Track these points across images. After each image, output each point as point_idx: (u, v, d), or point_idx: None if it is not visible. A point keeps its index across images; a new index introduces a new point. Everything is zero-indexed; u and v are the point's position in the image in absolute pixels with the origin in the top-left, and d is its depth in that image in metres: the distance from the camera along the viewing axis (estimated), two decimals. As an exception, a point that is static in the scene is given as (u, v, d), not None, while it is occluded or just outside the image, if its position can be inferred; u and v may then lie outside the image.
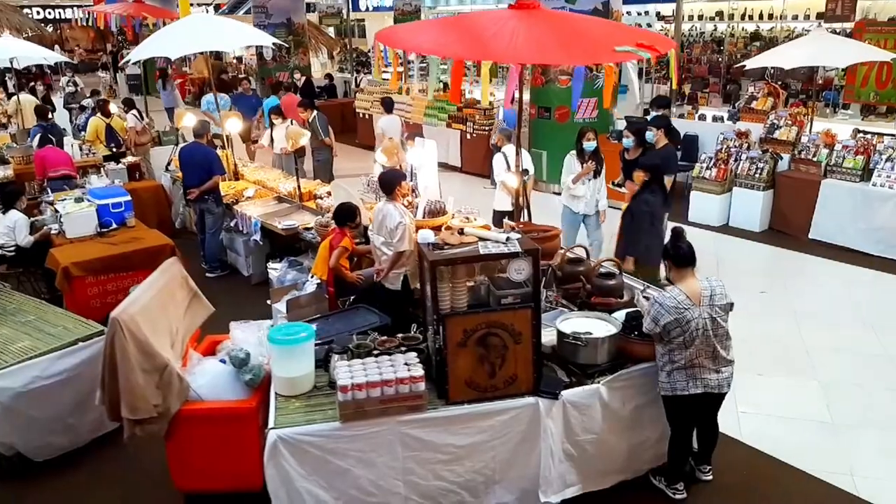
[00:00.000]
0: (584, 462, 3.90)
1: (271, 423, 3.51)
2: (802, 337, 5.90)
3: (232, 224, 7.44)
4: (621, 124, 9.91)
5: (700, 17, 17.77)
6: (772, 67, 11.48)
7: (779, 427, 4.67)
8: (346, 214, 5.26)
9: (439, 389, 3.68)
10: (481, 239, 3.78)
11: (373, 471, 3.59)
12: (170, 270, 4.28)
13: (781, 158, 8.74)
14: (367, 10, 27.12)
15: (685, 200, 9.40)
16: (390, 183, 5.05)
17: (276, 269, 6.30)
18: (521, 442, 3.74)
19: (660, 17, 17.39)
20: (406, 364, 3.63)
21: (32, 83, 17.80)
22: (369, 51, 23.33)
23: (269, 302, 5.64)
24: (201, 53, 11.06)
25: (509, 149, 6.67)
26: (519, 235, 3.77)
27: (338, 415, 3.51)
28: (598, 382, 3.82)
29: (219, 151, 7.93)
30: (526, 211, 5.82)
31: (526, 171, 6.03)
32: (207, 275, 7.59)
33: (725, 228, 8.96)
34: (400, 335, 4.09)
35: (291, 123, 9.01)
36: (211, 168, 7.25)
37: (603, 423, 3.87)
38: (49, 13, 33.55)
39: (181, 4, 11.89)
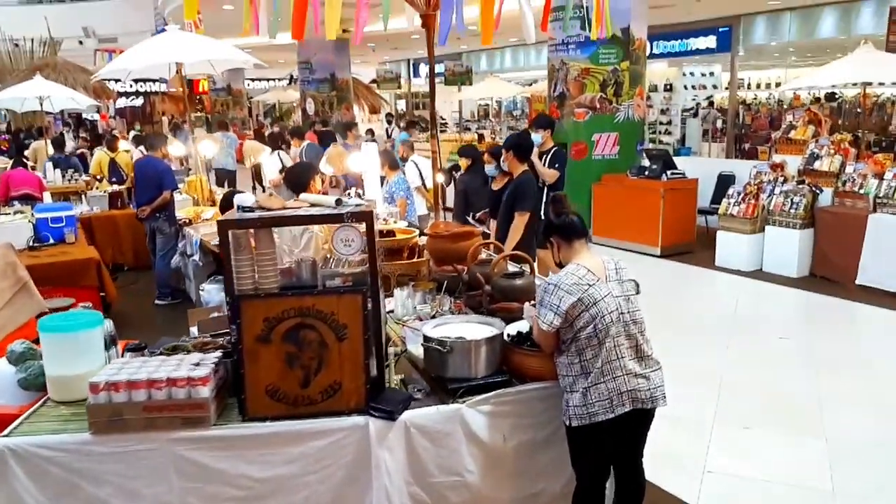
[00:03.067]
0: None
1: (6, 431, 2.67)
2: (819, 388, 4.62)
3: (180, 246, 6.83)
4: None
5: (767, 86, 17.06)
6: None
7: (754, 494, 3.43)
8: None
9: (239, 401, 2.75)
10: (313, 205, 2.91)
11: (139, 506, 2.66)
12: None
13: (822, 192, 7.48)
14: (427, 77, 27.41)
15: (711, 243, 8.21)
16: (300, 178, 4.27)
17: (204, 291, 5.59)
18: (347, 479, 2.73)
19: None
20: (196, 364, 2.74)
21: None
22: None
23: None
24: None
25: (416, 157, 6.52)
26: (359, 201, 2.89)
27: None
28: (461, 402, 2.80)
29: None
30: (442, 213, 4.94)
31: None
32: (156, 301, 6.97)
33: (758, 274, 7.68)
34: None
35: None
36: (161, 183, 6.71)
37: (471, 463, 2.82)
38: (141, 86, 35.70)
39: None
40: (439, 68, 25.23)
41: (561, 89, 9.77)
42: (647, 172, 8.86)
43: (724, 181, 9.24)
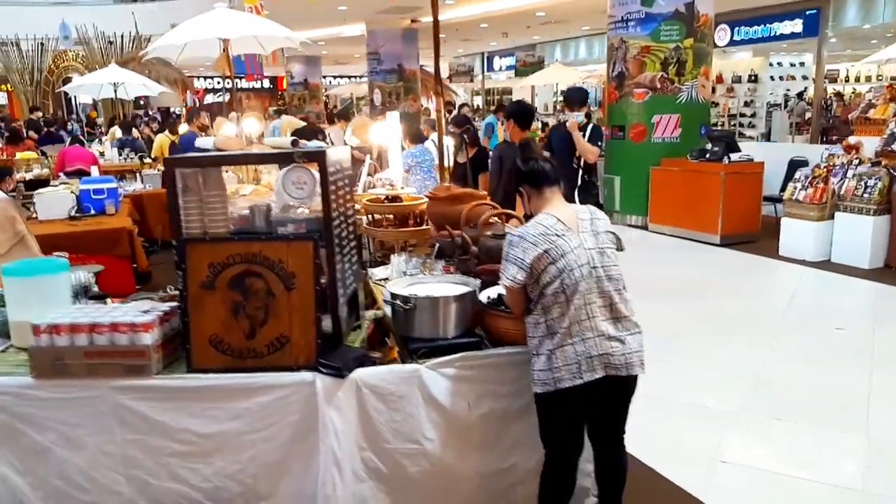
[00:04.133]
0: (402, 486, 2.61)
1: (-47, 373, 2.63)
2: (871, 384, 4.10)
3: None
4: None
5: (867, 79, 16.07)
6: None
7: (770, 488, 3.03)
8: None
9: (185, 351, 2.60)
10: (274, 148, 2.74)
11: (83, 455, 2.56)
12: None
13: (901, 174, 6.76)
14: (500, 69, 27.14)
15: (778, 233, 7.60)
16: (302, 137, 4.09)
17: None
18: (294, 440, 2.55)
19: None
20: (146, 311, 2.61)
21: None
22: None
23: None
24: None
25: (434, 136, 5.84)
26: (321, 144, 2.70)
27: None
28: (420, 363, 2.56)
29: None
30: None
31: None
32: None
33: (825, 265, 7.03)
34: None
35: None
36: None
37: (431, 430, 2.58)
38: (228, 83, 36.93)
39: None
40: (511, 60, 24.94)
41: (620, 69, 9.30)
42: (707, 155, 8.30)
43: (796, 167, 8.53)
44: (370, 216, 4.21)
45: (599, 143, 5.47)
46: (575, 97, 5.69)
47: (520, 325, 2.58)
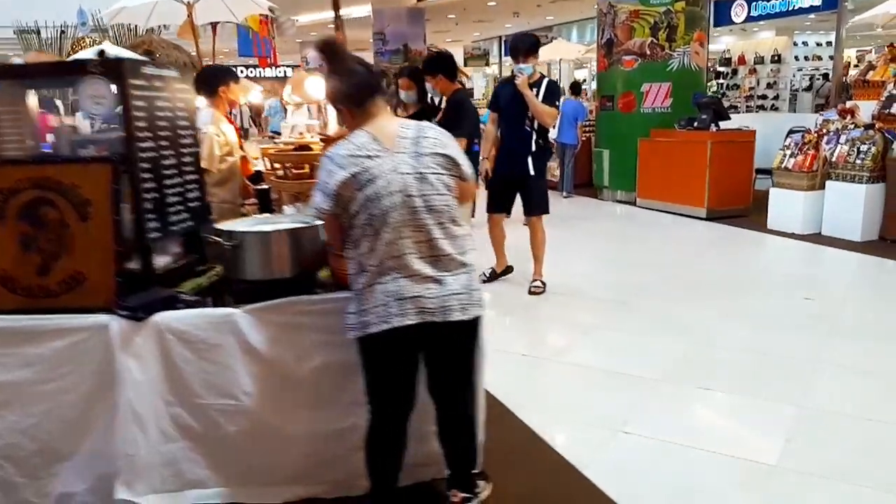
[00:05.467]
0: (219, 447, 2.29)
1: None
2: (821, 353, 3.66)
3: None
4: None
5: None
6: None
7: (670, 462, 2.64)
8: None
9: (-19, 291, 2.31)
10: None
11: None
12: None
13: (896, 139, 6.22)
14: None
15: (763, 205, 7.12)
16: (208, 78, 3.75)
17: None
18: (95, 392, 2.24)
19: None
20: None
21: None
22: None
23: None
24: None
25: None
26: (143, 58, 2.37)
27: None
28: (237, 307, 2.24)
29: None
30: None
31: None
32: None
33: (816, 238, 6.53)
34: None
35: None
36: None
37: (251, 384, 2.25)
38: (251, 72, 36.98)
39: None
40: (526, 42, 24.35)
41: (608, 35, 8.83)
42: (696, 124, 7.80)
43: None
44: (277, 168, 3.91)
45: (557, 104, 4.82)
46: (520, 46, 4.69)
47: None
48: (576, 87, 10.15)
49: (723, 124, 7.70)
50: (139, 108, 2.23)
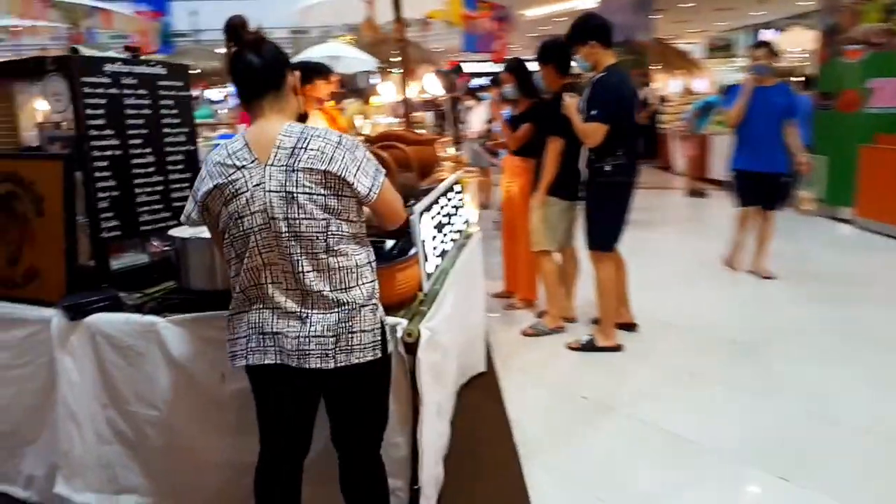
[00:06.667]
0: (148, 456, 2.21)
1: None
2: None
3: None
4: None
5: None
6: None
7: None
8: None
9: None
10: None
11: None
12: None
13: None
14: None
15: None
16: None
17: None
18: (47, 384, 2.28)
19: None
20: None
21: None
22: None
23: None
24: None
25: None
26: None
27: None
28: (161, 315, 2.13)
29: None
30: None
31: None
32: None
33: None
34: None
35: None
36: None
37: (174, 398, 2.14)
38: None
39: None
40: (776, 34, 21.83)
41: (831, 21, 7.43)
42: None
43: None
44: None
45: (594, 113, 3.41)
46: (589, 30, 3.51)
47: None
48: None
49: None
50: (96, 106, 2.21)
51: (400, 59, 6.15)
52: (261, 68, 1.71)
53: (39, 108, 2.50)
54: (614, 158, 3.47)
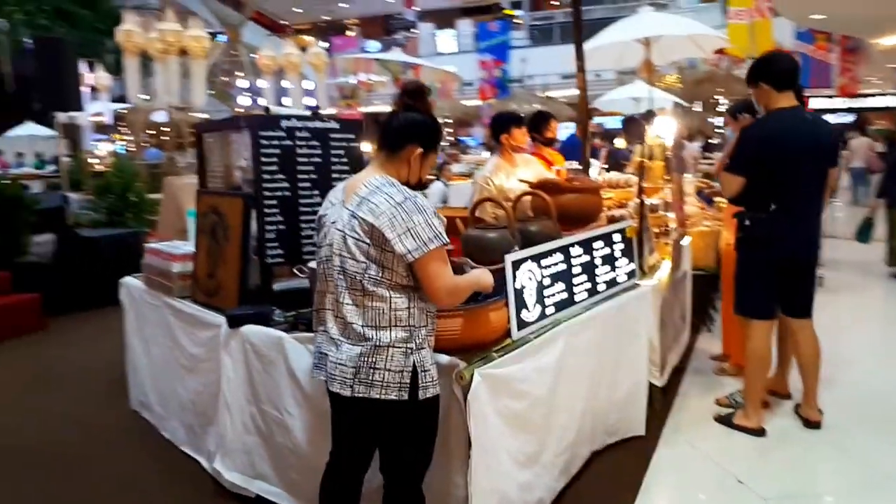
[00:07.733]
0: (275, 451, 2.59)
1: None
2: None
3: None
4: None
5: None
6: None
7: None
8: None
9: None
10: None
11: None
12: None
13: None
14: None
15: None
16: (500, 123, 3.97)
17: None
18: (219, 377, 2.80)
19: None
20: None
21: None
22: None
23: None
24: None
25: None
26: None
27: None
28: (289, 332, 2.50)
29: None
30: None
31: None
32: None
33: None
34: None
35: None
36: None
37: (294, 406, 2.48)
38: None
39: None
40: None
41: None
42: None
43: None
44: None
45: (729, 163, 3.16)
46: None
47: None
48: None
49: None
50: (270, 155, 2.69)
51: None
52: (386, 130, 1.97)
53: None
54: (756, 213, 3.07)
